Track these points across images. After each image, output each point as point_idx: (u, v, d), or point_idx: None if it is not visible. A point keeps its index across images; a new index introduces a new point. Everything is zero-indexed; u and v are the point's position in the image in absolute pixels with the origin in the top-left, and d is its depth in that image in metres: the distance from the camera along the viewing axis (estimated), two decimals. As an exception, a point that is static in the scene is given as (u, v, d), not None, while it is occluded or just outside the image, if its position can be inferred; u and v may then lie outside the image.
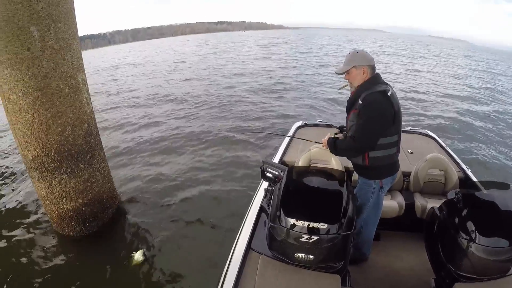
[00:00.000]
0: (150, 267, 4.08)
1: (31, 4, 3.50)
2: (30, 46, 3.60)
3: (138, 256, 4.11)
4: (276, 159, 4.16)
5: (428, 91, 15.58)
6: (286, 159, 4.25)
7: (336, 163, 3.73)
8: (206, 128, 9.53)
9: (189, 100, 13.21)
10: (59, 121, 4.00)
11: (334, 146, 2.72)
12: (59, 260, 4.21)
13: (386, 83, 2.59)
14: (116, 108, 12.64)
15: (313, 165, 3.76)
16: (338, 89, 3.17)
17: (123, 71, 25.09)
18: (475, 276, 2.27)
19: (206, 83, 16.83)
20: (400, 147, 2.76)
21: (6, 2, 3.39)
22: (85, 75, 4.36)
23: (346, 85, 2.77)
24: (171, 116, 11.04)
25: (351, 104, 2.68)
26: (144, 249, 4.21)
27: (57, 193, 4.29)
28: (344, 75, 2.69)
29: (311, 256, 2.17)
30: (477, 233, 2.15)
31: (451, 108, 12.64)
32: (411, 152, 4.52)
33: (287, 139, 4.77)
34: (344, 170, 3.47)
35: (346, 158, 2.93)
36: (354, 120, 2.60)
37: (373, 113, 2.46)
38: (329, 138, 2.82)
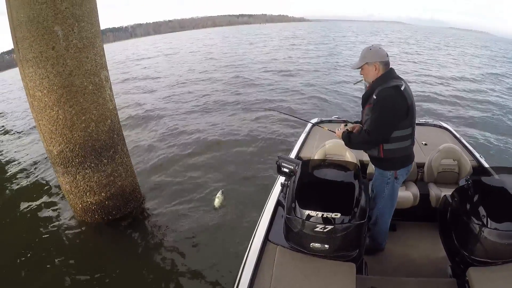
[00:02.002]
0: (171, 257, 4.18)
1: (55, 4, 3.61)
2: (54, 45, 3.72)
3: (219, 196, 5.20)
4: (292, 155, 4.21)
5: (446, 83, 15.18)
6: (302, 154, 4.29)
7: (350, 156, 3.77)
8: (234, 124, 9.53)
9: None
10: (83, 118, 4.12)
11: (349, 139, 2.79)
12: (81, 248, 4.41)
13: (400, 78, 2.63)
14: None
15: (328, 159, 3.78)
16: (354, 83, 3.25)
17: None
18: (488, 260, 2.27)
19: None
20: (415, 139, 2.78)
21: (31, 2, 3.51)
22: (108, 72, 4.46)
23: (361, 80, 2.85)
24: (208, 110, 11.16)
25: (366, 99, 2.76)
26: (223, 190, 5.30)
27: (81, 187, 4.43)
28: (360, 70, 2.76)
29: (326, 246, 2.20)
30: (488, 218, 2.16)
31: (468, 99, 12.38)
32: (425, 144, 4.53)
33: (302, 136, 4.81)
34: (357, 163, 3.50)
35: (360, 151, 3.04)
36: (369, 114, 2.66)
37: (386, 107, 2.52)
38: (343, 132, 2.86)
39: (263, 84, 14.97)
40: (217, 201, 5.15)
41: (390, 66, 2.67)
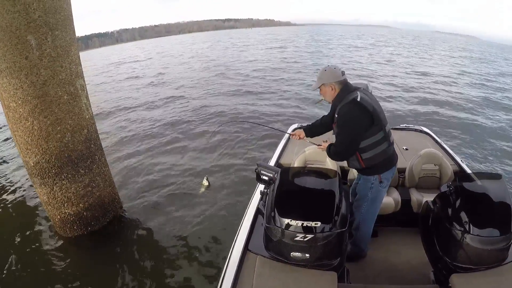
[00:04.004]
0: (150, 268, 4.15)
1: (28, 13, 3.53)
2: (28, 55, 3.64)
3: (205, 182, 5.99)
4: (272, 162, 4.18)
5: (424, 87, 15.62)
6: (282, 161, 4.27)
7: (331, 163, 3.79)
8: (209, 128, 9.55)
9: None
10: (59, 128, 4.05)
11: (328, 151, 2.88)
12: (60, 261, 4.30)
13: (357, 88, 2.72)
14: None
15: (308, 166, 3.82)
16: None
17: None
18: (471, 266, 2.28)
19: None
20: (395, 144, 2.84)
21: (3, 11, 3.42)
22: (84, 81, 4.39)
23: (321, 99, 2.96)
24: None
25: (332, 118, 2.92)
26: (207, 176, 6.11)
27: (58, 198, 4.35)
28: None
29: (307, 255, 2.18)
30: (470, 224, 2.18)
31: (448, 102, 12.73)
32: (406, 149, 4.55)
33: (282, 142, 4.79)
34: (337, 170, 3.50)
35: None
36: (335, 130, 2.84)
37: (347, 122, 2.64)
38: (329, 144, 2.93)
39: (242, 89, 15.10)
40: (203, 187, 5.98)
41: (346, 78, 2.77)
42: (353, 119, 2.60)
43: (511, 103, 13.14)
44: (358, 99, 2.57)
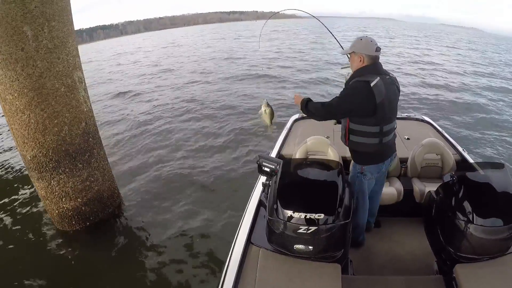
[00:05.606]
0: (149, 262, 4.11)
1: (24, 4, 3.46)
2: (24, 46, 3.57)
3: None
4: (273, 153, 4.15)
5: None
6: (283, 152, 4.23)
7: (333, 154, 3.74)
8: (218, 126, 9.41)
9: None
10: (56, 121, 3.98)
11: (306, 105, 2.79)
12: (58, 255, 4.29)
13: (385, 73, 2.64)
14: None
15: (310, 156, 3.79)
16: (341, 68, 3.27)
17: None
18: (475, 256, 2.29)
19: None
20: (396, 133, 2.82)
21: (-1, 2, 3.35)
22: (82, 73, 4.32)
23: (348, 66, 2.91)
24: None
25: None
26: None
27: (56, 193, 4.30)
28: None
29: (310, 247, 2.17)
30: (474, 214, 2.17)
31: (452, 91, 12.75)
32: (408, 138, 4.52)
33: (284, 133, 4.75)
34: (339, 161, 3.47)
35: (343, 149, 3.12)
36: None
37: (347, 96, 2.59)
38: (304, 97, 2.86)
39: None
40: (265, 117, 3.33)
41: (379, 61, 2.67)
42: (355, 99, 2.54)
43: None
44: (372, 84, 2.48)
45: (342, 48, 2.89)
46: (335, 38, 3.83)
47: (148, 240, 4.53)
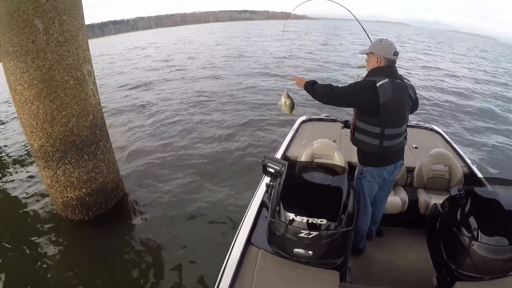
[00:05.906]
0: (149, 256, 4.16)
1: (36, -3, 3.55)
2: (34, 39, 3.66)
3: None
4: (278, 154, 4.13)
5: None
6: (289, 154, 4.21)
7: (339, 158, 3.70)
8: (227, 119, 9.50)
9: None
10: (64, 113, 4.08)
11: (312, 85, 2.76)
12: (60, 244, 4.38)
13: (392, 77, 2.60)
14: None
15: (315, 160, 3.75)
16: (356, 67, 3.25)
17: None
18: (476, 275, 2.20)
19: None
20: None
21: (11, -5, 3.44)
22: (91, 67, 4.42)
23: (364, 66, 2.86)
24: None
25: None
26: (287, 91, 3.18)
27: (61, 182, 4.40)
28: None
29: (310, 252, 2.15)
30: (479, 231, 2.08)
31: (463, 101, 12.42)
32: (416, 147, 4.43)
33: (290, 134, 4.72)
34: (345, 166, 3.43)
35: (350, 153, 3.20)
36: None
37: (354, 88, 2.61)
38: (308, 79, 2.85)
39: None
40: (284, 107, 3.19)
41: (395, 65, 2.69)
42: (359, 93, 2.57)
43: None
44: (378, 85, 2.50)
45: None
46: (368, 37, 3.85)
47: (148, 234, 4.57)
